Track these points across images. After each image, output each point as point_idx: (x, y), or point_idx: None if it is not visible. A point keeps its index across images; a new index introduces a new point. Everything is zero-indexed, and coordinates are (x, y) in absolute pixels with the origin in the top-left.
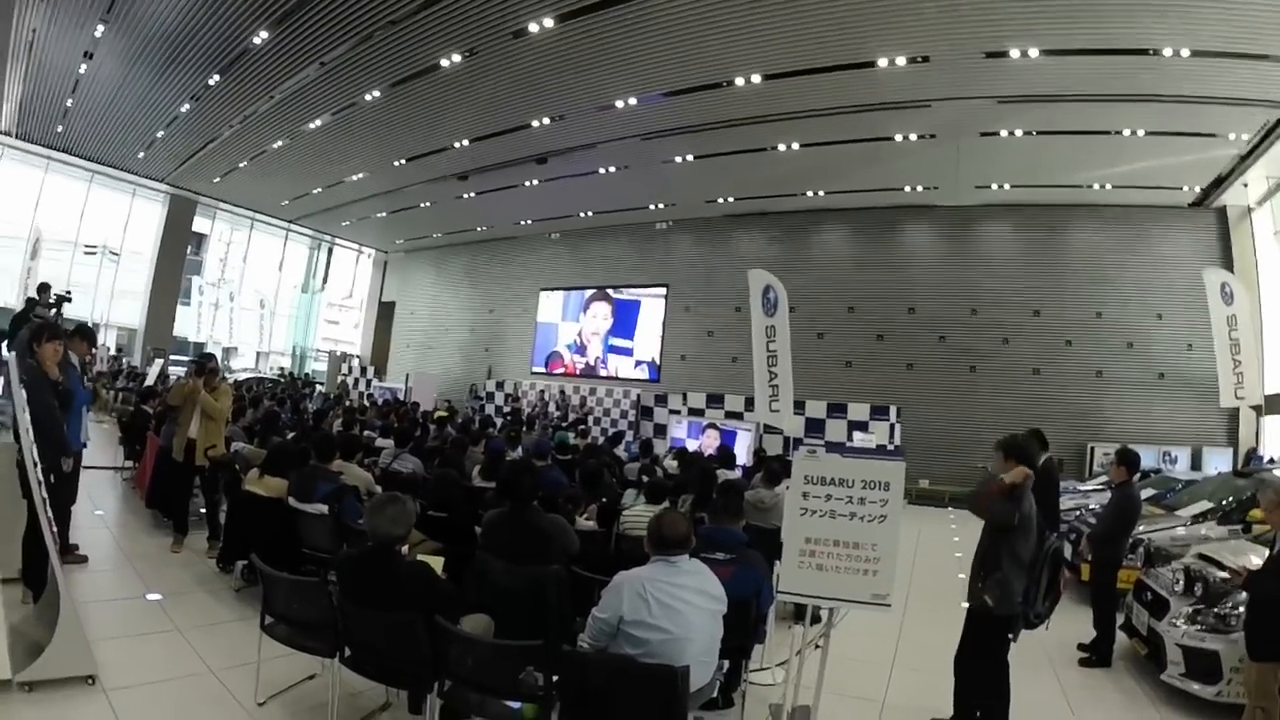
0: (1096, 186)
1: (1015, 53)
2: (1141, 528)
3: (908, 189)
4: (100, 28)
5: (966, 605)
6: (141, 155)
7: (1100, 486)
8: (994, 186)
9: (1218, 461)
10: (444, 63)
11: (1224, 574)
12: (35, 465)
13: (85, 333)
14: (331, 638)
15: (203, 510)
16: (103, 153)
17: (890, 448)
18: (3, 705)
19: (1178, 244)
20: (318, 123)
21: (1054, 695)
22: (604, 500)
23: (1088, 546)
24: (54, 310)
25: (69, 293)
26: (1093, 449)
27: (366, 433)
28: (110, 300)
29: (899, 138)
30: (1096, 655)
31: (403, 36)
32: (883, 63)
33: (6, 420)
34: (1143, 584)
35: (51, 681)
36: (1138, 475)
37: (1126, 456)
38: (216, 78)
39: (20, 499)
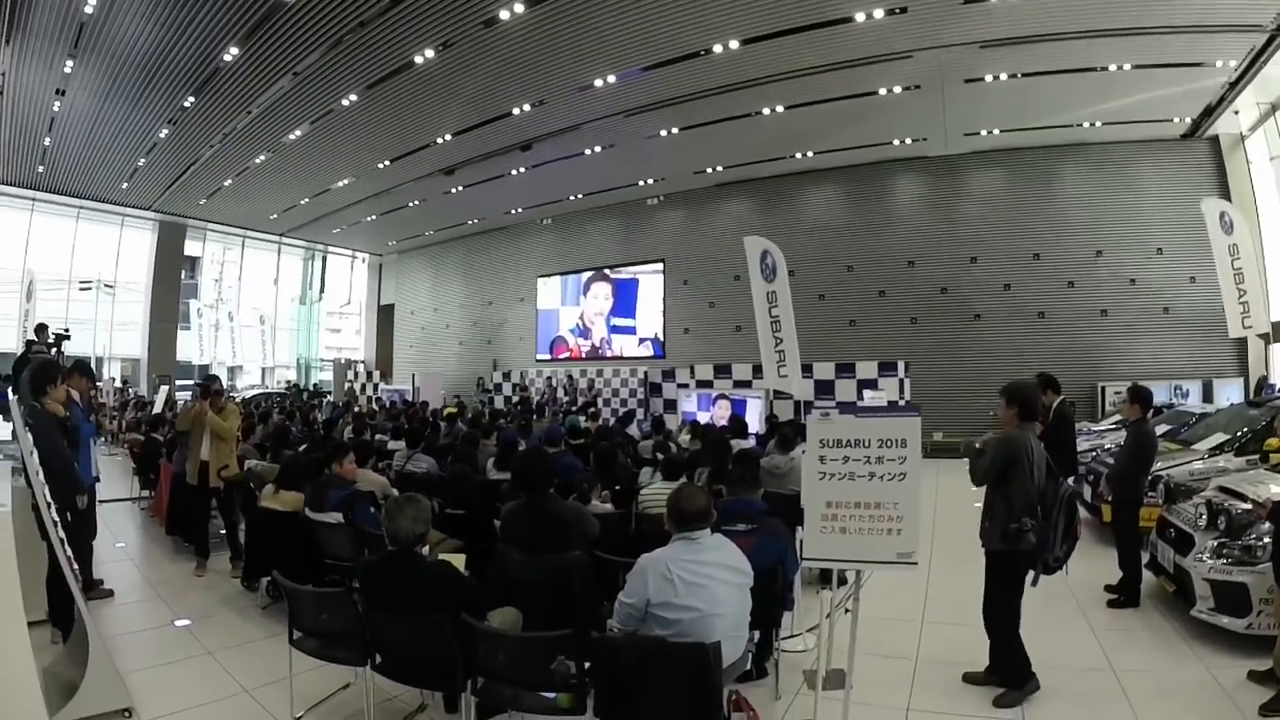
0: (1086, 125)
1: None
2: (1159, 464)
3: (896, 142)
4: (69, 63)
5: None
6: (125, 185)
7: (1114, 426)
8: (983, 133)
9: (1229, 392)
10: (418, 59)
11: (1246, 506)
12: (49, 506)
13: (84, 369)
14: (361, 646)
15: (222, 531)
16: (86, 187)
17: (902, 403)
18: None
19: (1173, 177)
20: (297, 133)
21: (1085, 638)
22: (617, 487)
23: (1107, 487)
24: (54, 349)
25: (67, 330)
26: (1104, 388)
27: (378, 437)
28: (110, 333)
29: (883, 91)
30: (1125, 596)
31: (373, 37)
32: (859, 16)
33: (18, 465)
34: (1165, 521)
35: (88, 719)
36: (1151, 412)
37: (1139, 394)
38: (191, 99)
39: (41, 541)
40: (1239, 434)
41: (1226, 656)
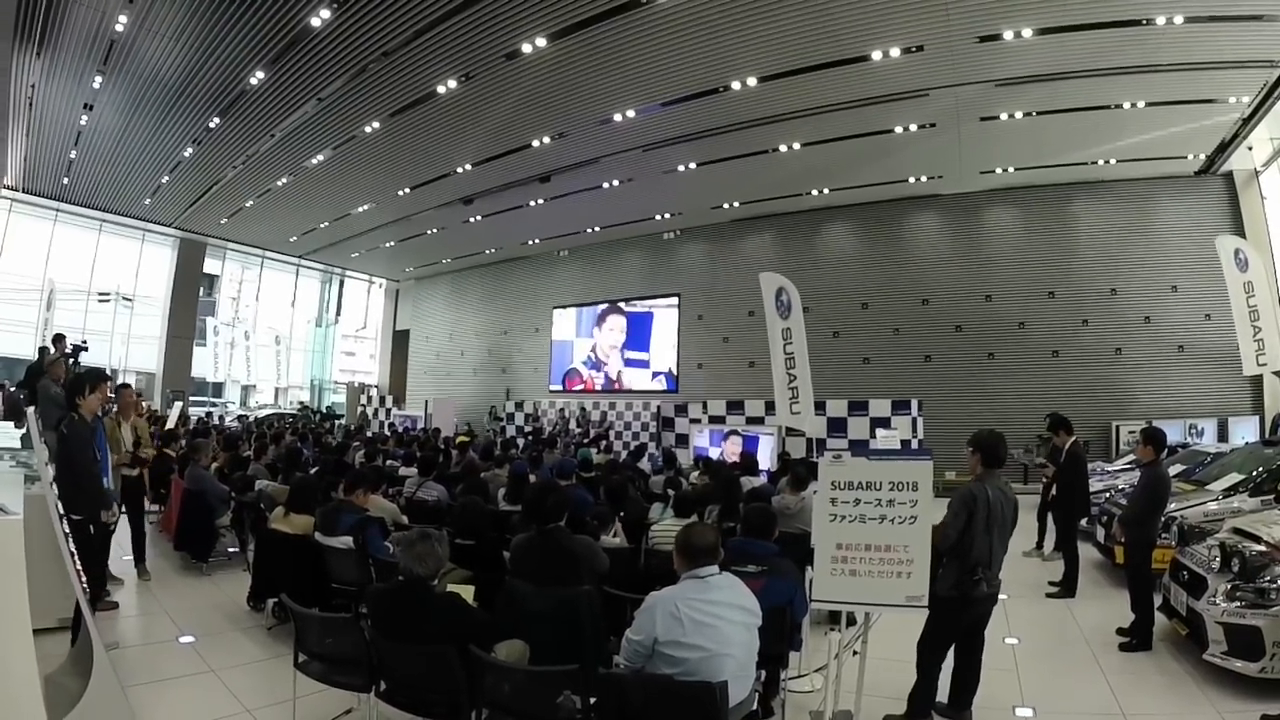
0: (1101, 162)
1: (1009, 34)
2: (1173, 505)
3: (912, 180)
4: (98, 79)
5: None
6: (148, 201)
7: (1128, 466)
8: (998, 170)
9: (1244, 431)
10: (440, 89)
11: (1260, 547)
12: (61, 518)
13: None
14: (366, 672)
15: (232, 550)
16: (110, 201)
17: (914, 444)
18: None
19: (1187, 213)
20: (320, 158)
21: (1097, 681)
22: (622, 515)
23: (1119, 529)
24: (71, 360)
25: (85, 342)
26: (1118, 427)
27: (390, 462)
28: (126, 345)
29: (899, 129)
30: (1137, 639)
31: (397, 67)
32: (877, 56)
33: (33, 472)
34: (1178, 563)
35: None
36: (1165, 452)
37: (1152, 436)
38: (216, 120)
39: (59, 549)
40: (1254, 474)
41: (1239, 701)
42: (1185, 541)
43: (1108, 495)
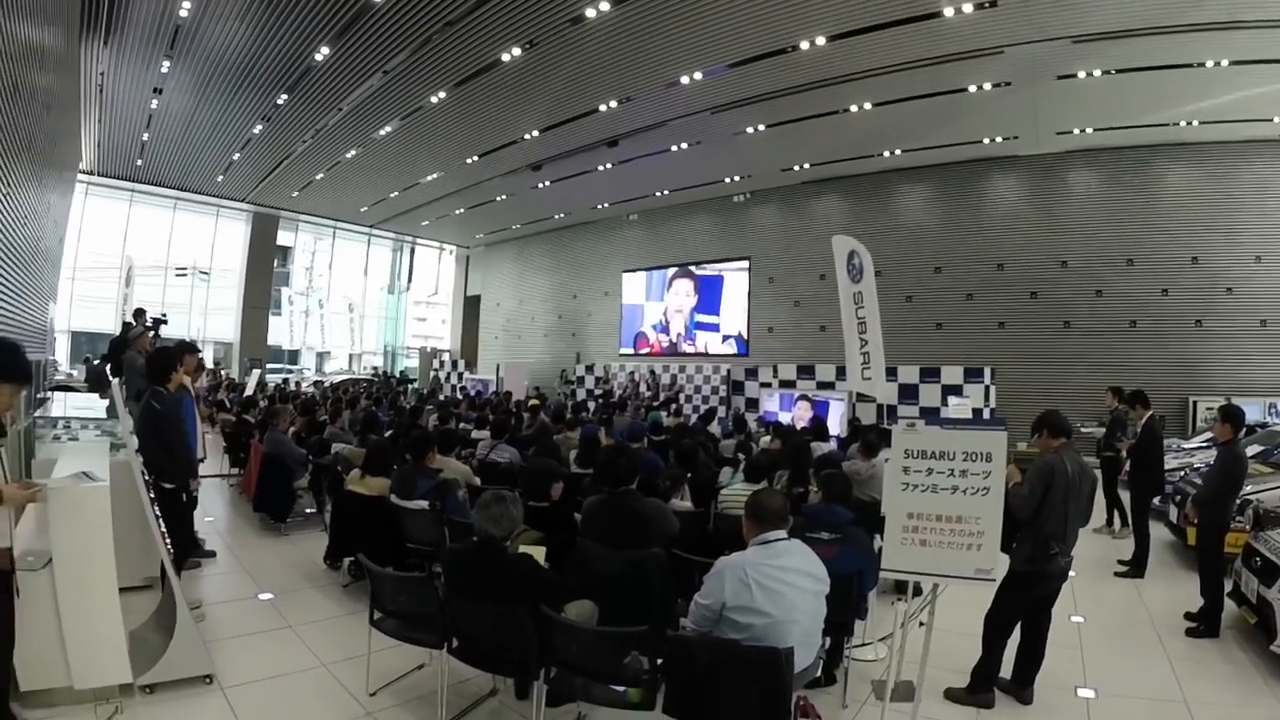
0: (1183, 124)
1: None
2: (1249, 488)
3: (986, 141)
4: (166, 64)
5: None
6: (220, 178)
7: (1205, 444)
8: (1076, 131)
9: None
10: (505, 57)
11: None
12: (147, 484)
13: (190, 348)
14: (439, 629)
15: (309, 511)
16: (183, 180)
17: (987, 413)
18: (126, 707)
19: (1273, 179)
20: (387, 129)
21: (1160, 668)
22: (690, 477)
23: (1193, 510)
24: (151, 333)
25: (164, 315)
26: (1195, 403)
27: (462, 425)
28: (205, 317)
29: (973, 88)
30: (1204, 625)
31: (461, 36)
32: (949, 11)
33: (119, 440)
34: (1252, 548)
35: (171, 683)
36: (1243, 432)
37: (1231, 414)
38: (284, 97)
39: (143, 513)
40: None
41: None
42: (1260, 526)
43: (1182, 474)
